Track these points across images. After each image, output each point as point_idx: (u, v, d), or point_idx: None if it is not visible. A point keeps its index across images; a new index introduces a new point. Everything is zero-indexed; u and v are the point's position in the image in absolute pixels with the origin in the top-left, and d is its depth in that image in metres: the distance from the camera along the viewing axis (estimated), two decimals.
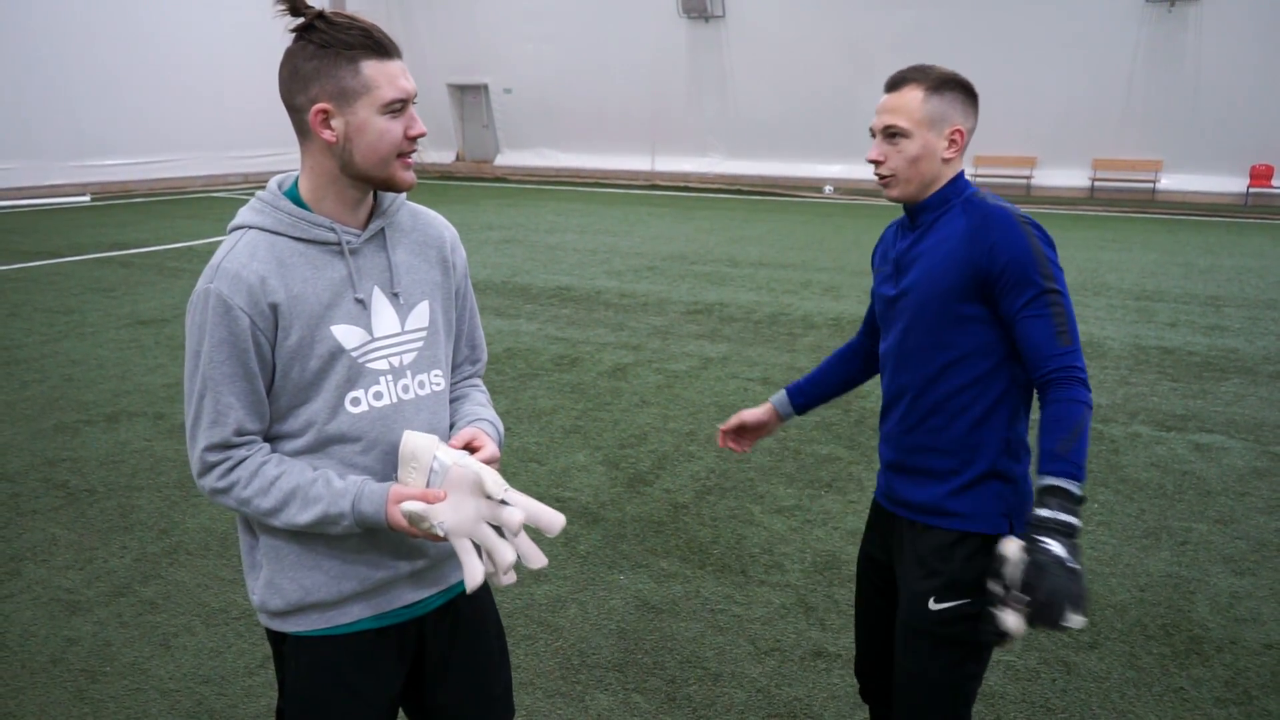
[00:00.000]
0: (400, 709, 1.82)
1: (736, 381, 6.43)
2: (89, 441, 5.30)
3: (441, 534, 1.51)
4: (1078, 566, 1.66)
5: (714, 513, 4.39)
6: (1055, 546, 1.67)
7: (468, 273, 1.83)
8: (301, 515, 1.53)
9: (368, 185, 1.58)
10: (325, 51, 1.47)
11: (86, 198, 18.80)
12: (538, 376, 6.52)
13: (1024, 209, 2.39)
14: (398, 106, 1.51)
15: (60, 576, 3.80)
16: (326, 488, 1.54)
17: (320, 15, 1.49)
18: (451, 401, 1.80)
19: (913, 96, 1.91)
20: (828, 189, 20.09)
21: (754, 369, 6.73)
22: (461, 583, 1.77)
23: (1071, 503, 1.71)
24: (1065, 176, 19.14)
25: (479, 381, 1.90)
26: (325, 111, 1.49)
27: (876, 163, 1.96)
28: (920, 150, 1.92)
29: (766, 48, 21.06)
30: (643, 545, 4.07)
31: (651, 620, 3.48)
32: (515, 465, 4.91)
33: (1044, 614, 1.65)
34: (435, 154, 26.95)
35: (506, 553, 1.54)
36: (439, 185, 22.65)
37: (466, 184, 23.08)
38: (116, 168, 19.93)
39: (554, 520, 1.56)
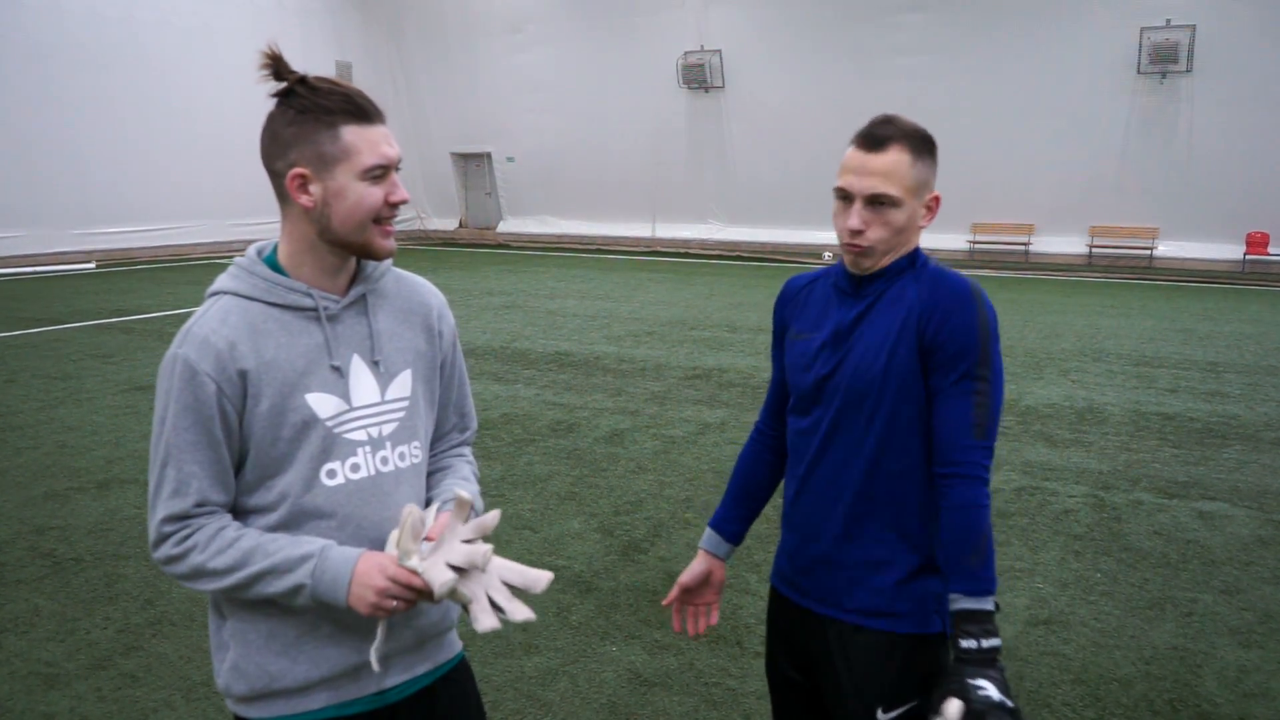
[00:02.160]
0: None
1: (734, 447, 6.37)
2: (78, 509, 5.24)
3: (418, 569, 1.44)
4: (1013, 704, 1.60)
5: None
6: (989, 689, 1.58)
7: (457, 340, 1.78)
8: (254, 567, 1.46)
9: (346, 252, 1.55)
10: (304, 116, 1.46)
11: (91, 265, 18.95)
12: (534, 442, 6.47)
13: (1023, 275, 2.28)
14: (378, 173, 1.49)
15: (40, 648, 3.72)
16: (291, 540, 1.48)
17: (302, 80, 1.48)
18: (434, 472, 1.75)
19: (900, 160, 1.71)
20: (827, 256, 20.21)
21: (746, 431, 6.66)
22: (440, 667, 1.71)
23: (989, 623, 1.63)
24: (1063, 244, 19.27)
25: (466, 451, 1.84)
26: (303, 176, 1.48)
27: (857, 232, 1.74)
28: (906, 220, 1.74)
29: (765, 117, 21.40)
30: (636, 615, 3.99)
31: (644, 694, 3.39)
32: (509, 533, 4.84)
33: None
34: (439, 221, 27.24)
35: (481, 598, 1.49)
36: (442, 251, 22.84)
37: (469, 250, 23.27)
38: (121, 235, 20.11)
39: (539, 577, 1.52)
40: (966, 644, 1.62)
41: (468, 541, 1.48)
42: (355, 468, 1.55)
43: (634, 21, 22.55)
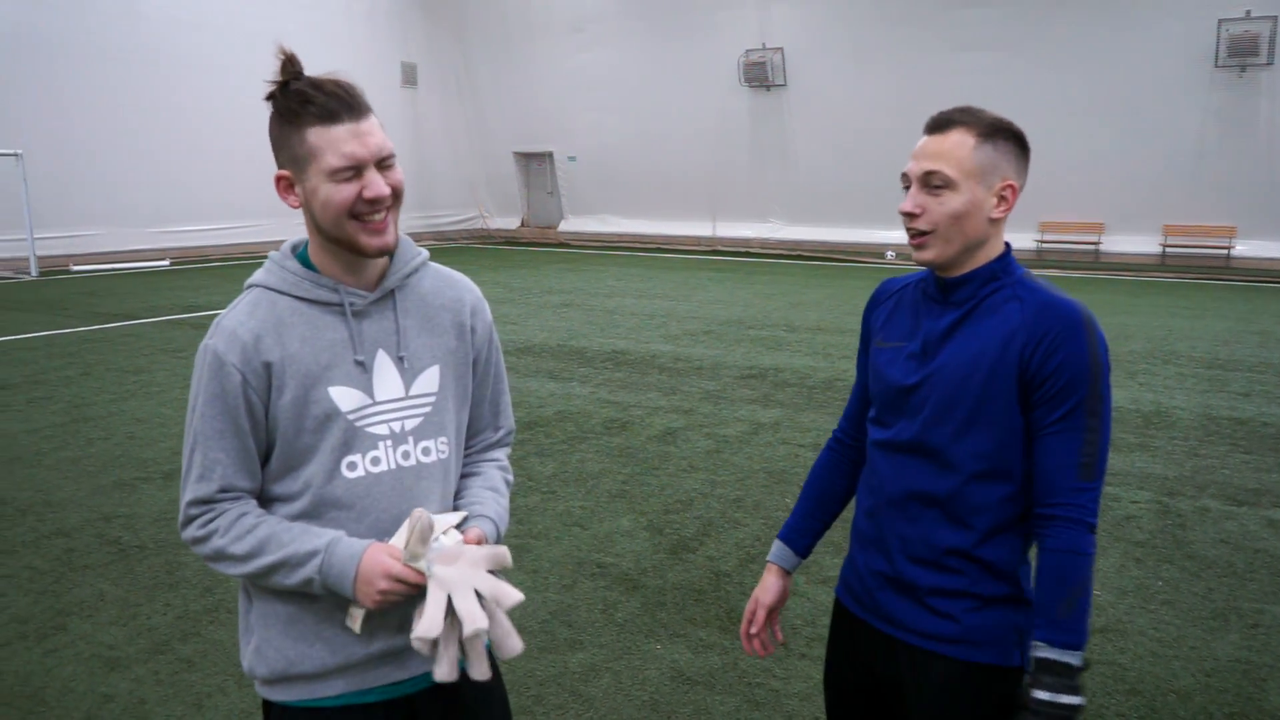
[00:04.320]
0: None
1: (787, 447, 6.33)
2: (145, 498, 5.40)
3: (428, 573, 1.45)
4: None
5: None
6: None
7: (494, 338, 1.78)
8: (268, 557, 1.49)
9: (340, 248, 1.56)
10: (280, 121, 1.49)
11: (166, 262, 19.53)
12: (587, 440, 6.50)
13: (1093, 275, 2.15)
14: (346, 174, 1.47)
15: (104, 632, 3.85)
16: (304, 531, 1.51)
17: (285, 83, 1.49)
18: (466, 475, 1.76)
19: (961, 142, 1.64)
20: (890, 255, 19.95)
21: (806, 435, 6.62)
22: (459, 661, 1.72)
23: (1072, 678, 1.53)
24: (1135, 243, 18.74)
25: (501, 457, 1.83)
26: (286, 178, 1.51)
27: (911, 215, 1.67)
28: (966, 205, 1.64)
29: (827, 115, 21.20)
30: (682, 614, 3.99)
31: (686, 692, 3.38)
32: (558, 529, 4.87)
33: None
34: (501, 220, 27.53)
35: (479, 620, 1.46)
36: (504, 250, 23.07)
37: (530, 249, 23.46)
38: (194, 233, 20.71)
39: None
40: (1039, 695, 1.53)
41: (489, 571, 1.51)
42: (376, 461, 1.57)
43: (695, 20, 22.51)
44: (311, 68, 1.54)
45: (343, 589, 1.48)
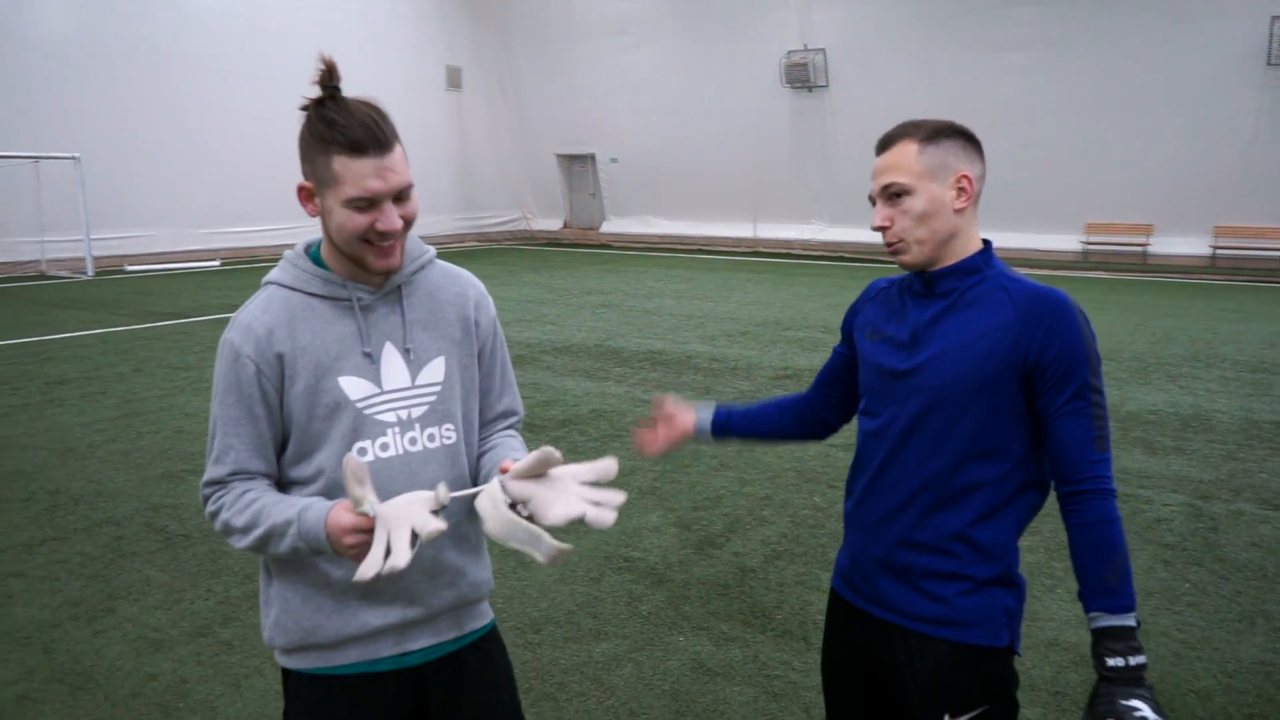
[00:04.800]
0: None
1: (818, 447, 6.37)
2: (191, 489, 5.59)
3: (371, 513, 1.49)
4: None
5: (781, 578, 4.35)
6: (1145, 710, 1.54)
7: (497, 330, 1.87)
8: (260, 528, 1.59)
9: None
10: (312, 137, 1.57)
11: (217, 262, 20.00)
12: (620, 438, 6.59)
13: (1140, 278, 2.19)
14: (361, 204, 1.55)
15: (149, 615, 4.01)
16: (285, 502, 1.60)
17: (321, 101, 1.56)
18: (484, 453, 1.84)
19: (906, 151, 1.76)
20: None
21: (838, 435, 6.62)
22: (468, 635, 1.82)
23: (1134, 639, 1.61)
24: (1184, 245, 18.38)
25: (514, 432, 1.93)
26: (307, 189, 1.61)
27: (883, 229, 1.80)
28: (927, 205, 1.74)
29: (870, 116, 20.85)
30: (705, 608, 4.06)
31: (706, 683, 3.45)
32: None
33: None
34: (544, 221, 27.76)
35: (400, 560, 1.45)
36: (546, 251, 23.27)
37: (572, 250, 23.63)
38: (245, 234, 21.18)
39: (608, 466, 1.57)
40: (1114, 662, 1.59)
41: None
42: (384, 447, 1.67)
43: (737, 22, 22.53)
44: (360, 73, 1.64)
45: (324, 549, 1.56)
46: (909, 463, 1.79)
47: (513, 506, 1.53)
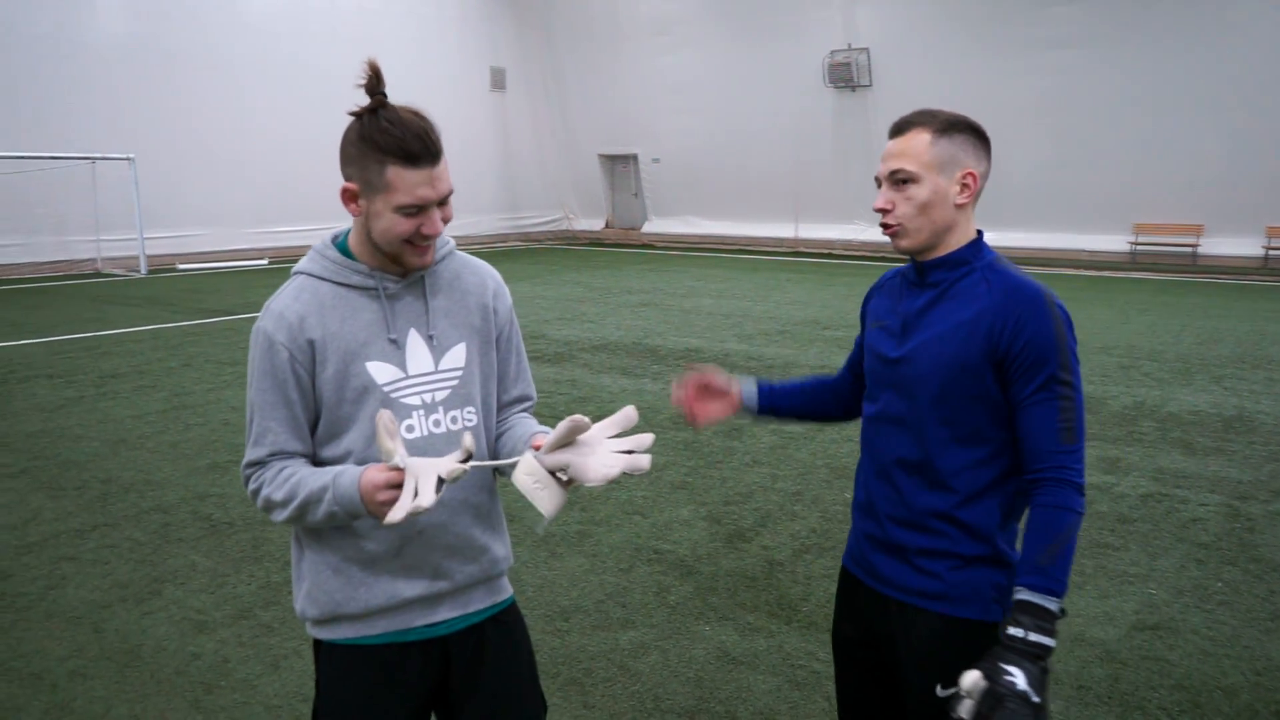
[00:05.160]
0: None
1: (851, 444, 6.38)
2: (235, 480, 5.75)
3: (401, 465, 1.56)
4: (1040, 700, 1.58)
5: (809, 571, 4.38)
6: (1019, 678, 1.58)
7: (513, 318, 1.97)
8: (299, 498, 1.68)
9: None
10: (364, 144, 1.64)
11: (264, 261, 20.40)
12: (654, 433, 6.63)
13: (1190, 279, 2.18)
14: (411, 210, 1.65)
15: (194, 598, 4.16)
16: (320, 471, 1.69)
17: (374, 109, 1.64)
18: (503, 433, 1.93)
19: (919, 140, 1.80)
20: None
21: None
22: (489, 608, 1.90)
23: (1047, 621, 1.63)
24: (1236, 245, 18.00)
25: (528, 415, 2.01)
26: (352, 191, 1.69)
27: (884, 211, 1.85)
28: (930, 195, 1.80)
29: None
30: (733, 599, 4.11)
31: (730, 671, 3.51)
32: (619, 517, 5.04)
33: None
34: (586, 221, 27.92)
35: (425, 500, 1.54)
36: (587, 251, 23.41)
37: (614, 250, 23.74)
38: (291, 233, 21.55)
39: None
40: (1014, 631, 1.64)
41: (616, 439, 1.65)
42: (410, 428, 1.76)
43: (780, 21, 22.48)
44: (406, 75, 1.74)
45: (358, 511, 1.65)
46: (900, 445, 1.88)
47: (552, 474, 1.62)
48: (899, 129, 1.84)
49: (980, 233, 1.89)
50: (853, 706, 2.08)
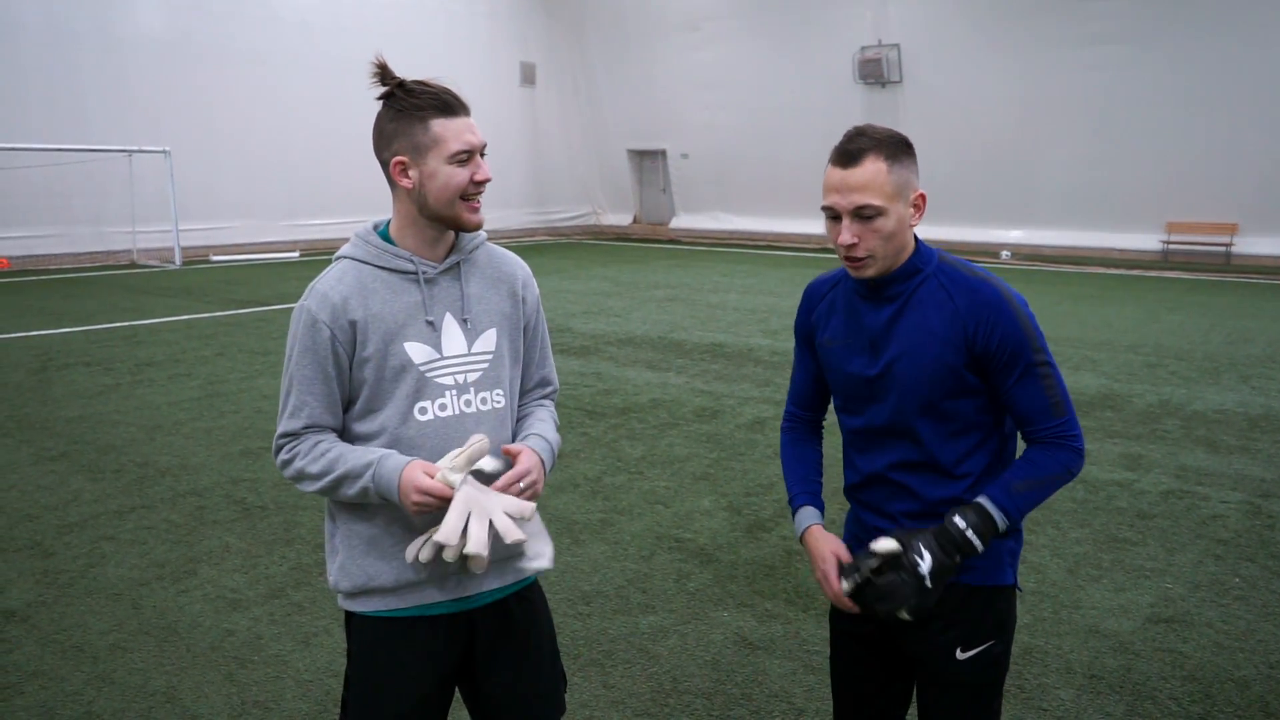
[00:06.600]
0: (460, 692, 2.04)
1: None
2: (268, 465, 5.90)
3: (455, 487, 1.69)
4: (931, 587, 1.76)
5: None
6: (925, 561, 1.76)
7: (540, 308, 2.06)
8: (336, 471, 1.77)
9: (441, 225, 1.85)
10: (402, 114, 1.77)
11: (295, 254, 20.67)
12: (677, 426, 6.73)
13: (1224, 279, 2.21)
14: (463, 156, 1.78)
15: (228, 578, 4.29)
16: (364, 450, 1.79)
17: (400, 84, 1.78)
18: (521, 419, 2.03)
19: (877, 169, 1.78)
20: (1005, 254, 19.53)
21: None
22: (513, 585, 1.98)
23: (990, 530, 1.79)
24: (1271, 245, 17.77)
25: (549, 403, 2.11)
26: (403, 163, 1.79)
27: (852, 246, 1.82)
28: (895, 225, 1.82)
29: (946, 113, 20.81)
30: (751, 587, 4.19)
31: (747, 655, 3.59)
32: (641, 506, 5.13)
33: (872, 601, 1.82)
34: (614, 216, 28.02)
35: (478, 546, 1.70)
36: (615, 246, 23.50)
37: (641, 245, 23.82)
38: (322, 226, 21.84)
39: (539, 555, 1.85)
40: (957, 519, 1.81)
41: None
42: (443, 407, 1.85)
43: (810, 17, 22.46)
44: (436, 69, 1.88)
45: (391, 496, 1.75)
46: (900, 451, 1.95)
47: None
48: (850, 158, 1.80)
49: (917, 238, 1.93)
50: (851, 681, 2.17)
